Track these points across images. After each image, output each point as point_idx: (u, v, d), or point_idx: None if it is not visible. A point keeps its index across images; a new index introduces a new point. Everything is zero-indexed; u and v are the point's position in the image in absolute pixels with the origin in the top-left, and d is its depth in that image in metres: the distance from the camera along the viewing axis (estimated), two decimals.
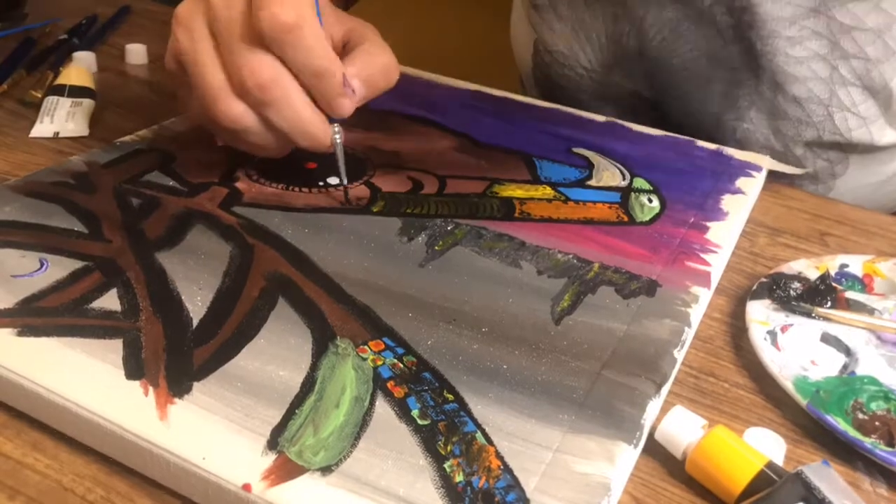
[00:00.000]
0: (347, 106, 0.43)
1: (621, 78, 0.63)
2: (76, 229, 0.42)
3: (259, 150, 0.45)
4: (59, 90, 0.59)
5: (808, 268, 0.44)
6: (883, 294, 0.43)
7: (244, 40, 0.41)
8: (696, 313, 0.40)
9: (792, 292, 0.42)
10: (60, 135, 0.55)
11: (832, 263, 0.45)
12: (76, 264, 0.39)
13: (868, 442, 0.33)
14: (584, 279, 0.41)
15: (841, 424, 0.34)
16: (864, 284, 0.44)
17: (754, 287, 0.43)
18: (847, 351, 0.39)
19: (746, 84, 0.59)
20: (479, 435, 0.31)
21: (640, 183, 0.52)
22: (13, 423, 0.33)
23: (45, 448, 0.32)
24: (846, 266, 0.45)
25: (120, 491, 0.31)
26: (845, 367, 0.38)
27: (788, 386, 0.36)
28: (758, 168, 0.55)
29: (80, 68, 0.62)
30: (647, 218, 0.48)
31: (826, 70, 0.57)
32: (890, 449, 0.33)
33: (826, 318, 0.40)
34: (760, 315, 0.40)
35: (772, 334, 0.39)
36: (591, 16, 0.62)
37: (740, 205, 0.50)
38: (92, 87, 0.60)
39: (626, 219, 0.48)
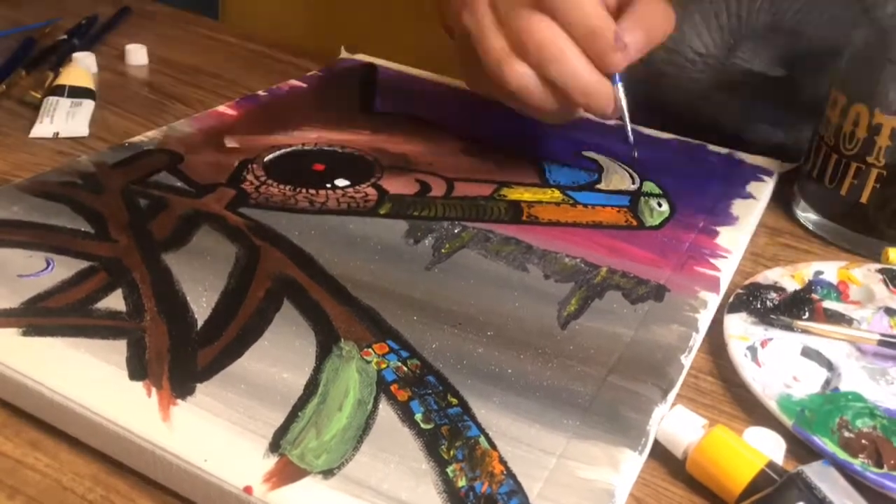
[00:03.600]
0: (619, 59, 0.44)
1: (746, 58, 0.61)
2: (83, 229, 0.42)
3: (545, 114, 0.47)
4: (59, 90, 0.59)
5: (783, 277, 0.43)
6: (859, 302, 0.42)
7: (522, 7, 0.44)
8: (705, 319, 0.40)
9: (769, 303, 0.41)
10: (60, 135, 0.55)
11: (807, 271, 0.44)
12: (82, 264, 0.39)
13: (857, 464, 0.32)
14: (592, 283, 0.41)
15: (829, 446, 0.33)
16: (839, 292, 0.43)
17: (731, 300, 0.41)
18: (829, 365, 0.38)
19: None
20: (482, 440, 0.31)
21: (649, 187, 0.51)
22: (13, 423, 0.33)
23: (44, 447, 0.32)
24: (821, 273, 0.44)
25: (120, 490, 0.30)
26: (828, 382, 0.37)
27: (773, 406, 0.35)
28: (769, 172, 0.54)
29: (80, 68, 0.62)
30: (657, 222, 0.47)
31: None
32: (880, 470, 0.32)
33: (806, 331, 0.39)
34: (739, 330, 0.39)
35: (752, 350, 0.38)
36: None
37: (751, 209, 0.50)
38: (92, 88, 0.60)
39: (634, 223, 0.47)
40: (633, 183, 0.52)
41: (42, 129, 0.56)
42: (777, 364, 0.38)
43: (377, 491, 0.29)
